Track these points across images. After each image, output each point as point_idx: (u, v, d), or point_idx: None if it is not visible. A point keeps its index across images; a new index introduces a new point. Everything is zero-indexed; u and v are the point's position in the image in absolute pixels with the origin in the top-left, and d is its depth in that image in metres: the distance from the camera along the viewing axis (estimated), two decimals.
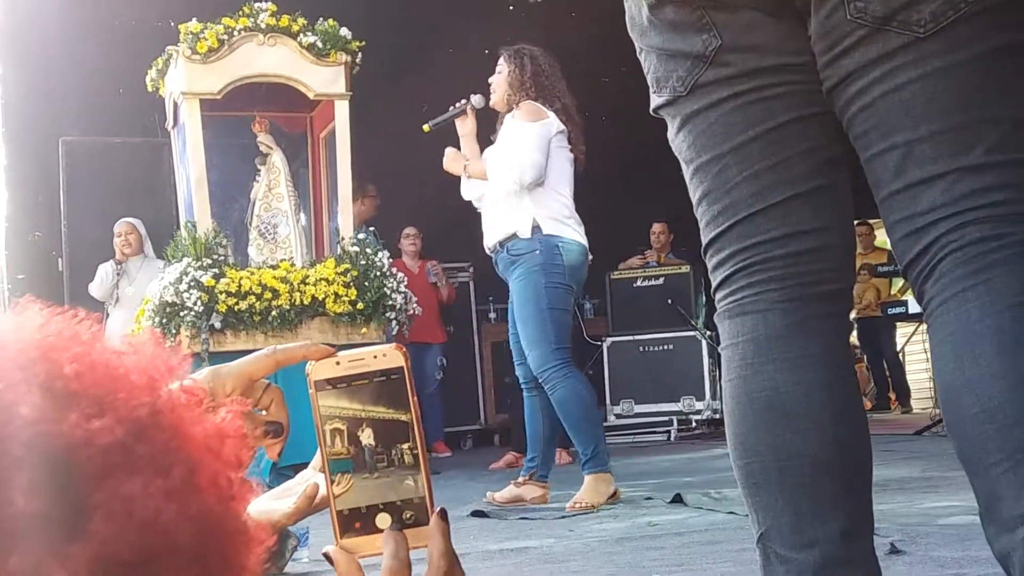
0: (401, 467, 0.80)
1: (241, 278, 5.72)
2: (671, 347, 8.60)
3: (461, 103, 4.88)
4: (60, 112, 8.33)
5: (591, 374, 7.79)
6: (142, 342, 0.64)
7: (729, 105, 1.49)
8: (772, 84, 1.47)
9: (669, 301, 8.56)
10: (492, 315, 9.62)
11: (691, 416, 8.55)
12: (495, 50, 4.99)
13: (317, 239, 6.67)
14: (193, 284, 5.61)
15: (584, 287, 5.19)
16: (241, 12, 6.05)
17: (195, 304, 5.59)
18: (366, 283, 5.96)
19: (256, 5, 6.07)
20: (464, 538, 3.66)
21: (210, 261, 5.75)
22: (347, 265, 5.99)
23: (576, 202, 4.68)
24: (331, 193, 6.56)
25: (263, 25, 6.00)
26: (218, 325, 5.67)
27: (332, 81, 6.13)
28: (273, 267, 5.93)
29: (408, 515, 0.80)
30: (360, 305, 5.91)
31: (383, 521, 0.80)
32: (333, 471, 0.80)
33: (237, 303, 5.66)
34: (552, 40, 4.96)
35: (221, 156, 6.42)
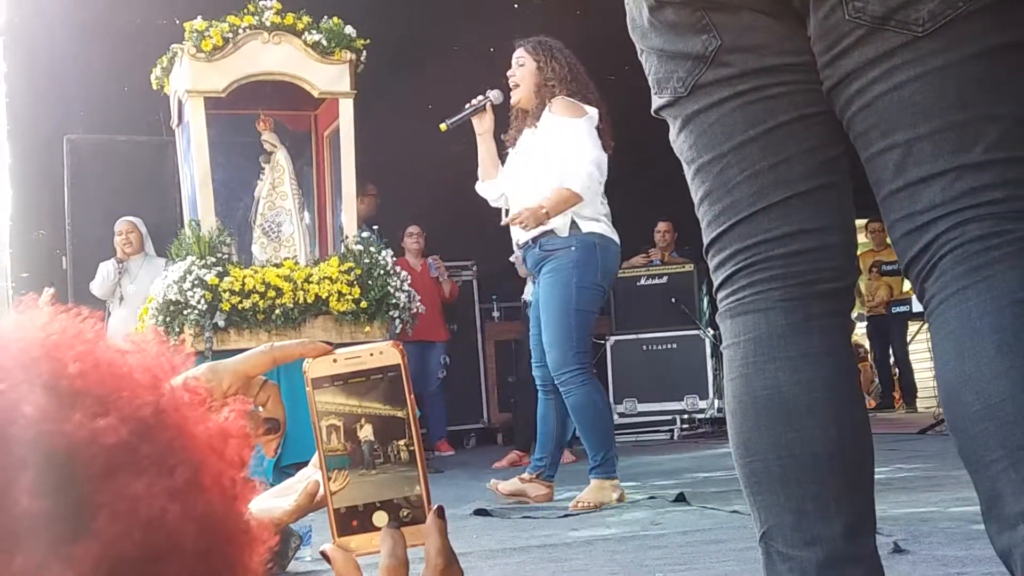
0: (398, 464, 0.80)
1: (245, 276, 5.73)
2: (674, 346, 8.61)
3: (479, 99, 4.63)
4: (64, 110, 8.34)
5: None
6: (145, 340, 0.64)
7: (729, 105, 1.49)
8: (772, 84, 1.48)
9: (673, 300, 8.56)
10: (495, 314, 9.62)
11: (694, 415, 8.55)
12: (500, 48, 4.89)
13: (321, 237, 6.67)
14: (197, 282, 5.62)
15: None
16: (246, 10, 6.06)
17: (199, 302, 5.60)
18: (369, 281, 5.97)
19: (261, 3, 6.08)
20: (467, 537, 3.66)
21: (214, 259, 5.76)
22: (351, 264, 5.99)
23: None
24: (335, 191, 6.56)
25: (268, 23, 6.00)
26: (222, 323, 5.68)
27: (336, 79, 6.14)
28: (277, 265, 5.94)
29: (405, 513, 0.80)
30: (363, 304, 5.91)
31: (380, 519, 0.80)
32: (330, 468, 0.80)
33: (241, 301, 5.67)
34: (556, 39, 4.94)
35: (225, 154, 6.43)
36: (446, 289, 8.63)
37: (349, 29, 6.15)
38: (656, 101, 1.58)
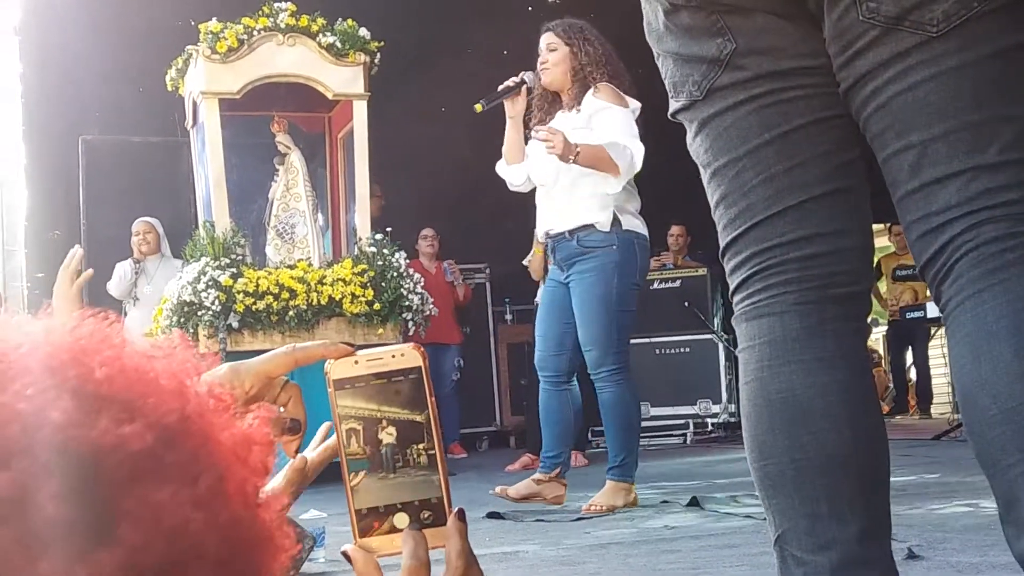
0: (418, 467, 0.80)
1: (259, 278, 5.75)
2: (687, 350, 8.59)
3: (514, 80, 4.53)
4: (80, 111, 8.36)
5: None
6: (171, 345, 0.64)
7: (745, 109, 1.49)
8: (788, 87, 1.47)
9: (686, 304, 8.55)
10: (508, 316, 9.62)
11: (707, 419, 8.53)
12: (513, 50, 4.89)
13: (335, 239, 6.69)
14: (211, 283, 5.64)
15: None
16: (261, 12, 6.08)
17: (213, 303, 5.62)
18: (383, 284, 5.98)
19: (276, 5, 6.10)
20: (480, 539, 3.66)
21: (228, 261, 5.78)
22: (364, 266, 6.00)
23: None
24: (348, 193, 6.58)
25: (282, 25, 6.02)
26: (236, 325, 5.70)
27: (351, 81, 6.16)
28: (291, 267, 5.96)
29: (426, 515, 0.80)
30: (377, 306, 5.93)
31: (401, 521, 0.80)
32: (350, 470, 0.80)
33: (255, 303, 5.69)
34: None
35: (240, 156, 6.46)
36: (460, 293, 8.64)
37: (363, 31, 6.17)
38: (672, 105, 1.59)
